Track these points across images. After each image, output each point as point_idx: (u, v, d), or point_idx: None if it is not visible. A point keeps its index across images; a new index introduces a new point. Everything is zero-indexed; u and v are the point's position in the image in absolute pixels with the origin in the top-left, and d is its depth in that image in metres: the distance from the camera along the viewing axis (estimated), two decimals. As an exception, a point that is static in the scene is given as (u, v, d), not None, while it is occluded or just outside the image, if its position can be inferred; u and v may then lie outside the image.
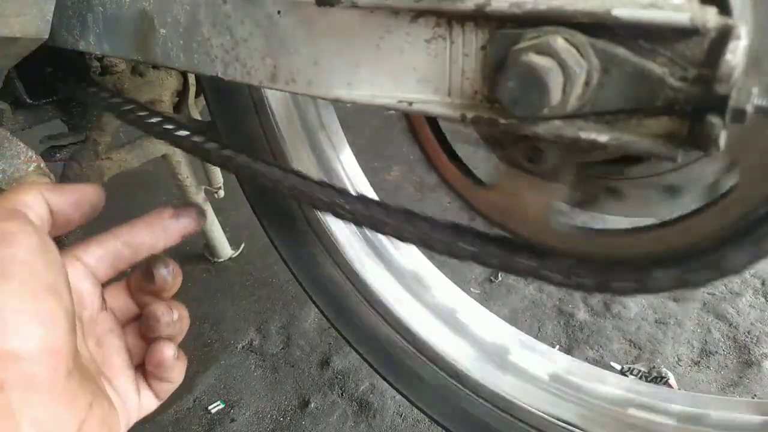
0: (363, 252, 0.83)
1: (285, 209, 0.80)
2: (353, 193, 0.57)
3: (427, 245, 0.51)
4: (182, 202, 0.68)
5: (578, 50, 0.35)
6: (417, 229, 0.51)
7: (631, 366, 1.09)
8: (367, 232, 0.83)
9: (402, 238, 0.52)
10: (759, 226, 0.37)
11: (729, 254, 0.38)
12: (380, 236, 0.84)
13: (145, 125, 0.70)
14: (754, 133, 0.37)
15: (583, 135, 0.37)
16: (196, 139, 0.65)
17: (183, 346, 0.51)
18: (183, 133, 0.67)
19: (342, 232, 0.81)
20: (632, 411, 0.70)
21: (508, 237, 0.50)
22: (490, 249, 0.49)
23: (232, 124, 0.76)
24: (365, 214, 0.53)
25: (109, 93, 0.80)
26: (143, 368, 0.51)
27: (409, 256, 0.86)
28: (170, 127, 0.68)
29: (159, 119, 0.69)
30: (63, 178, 1.01)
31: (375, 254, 0.84)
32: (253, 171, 0.60)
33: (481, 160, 0.52)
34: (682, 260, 0.40)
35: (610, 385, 0.73)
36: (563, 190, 0.46)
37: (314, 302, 0.83)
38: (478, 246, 0.49)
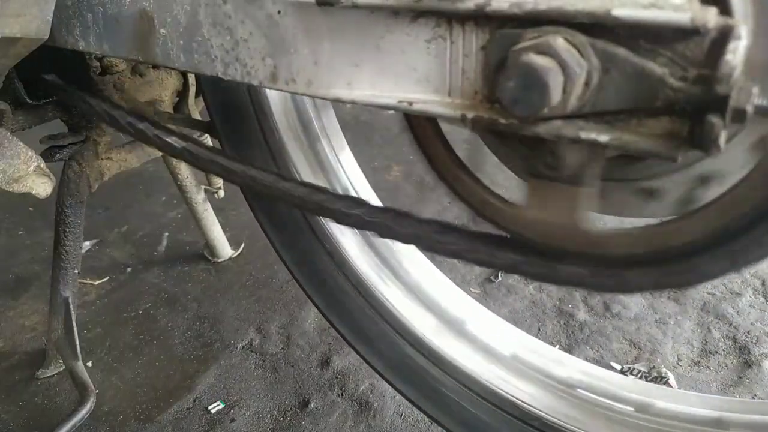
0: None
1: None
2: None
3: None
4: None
5: (578, 50, 0.35)
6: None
7: (631, 366, 1.09)
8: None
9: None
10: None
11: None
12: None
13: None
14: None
15: (584, 135, 0.37)
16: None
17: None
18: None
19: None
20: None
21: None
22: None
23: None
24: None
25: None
26: None
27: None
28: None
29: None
30: (63, 177, 1.01)
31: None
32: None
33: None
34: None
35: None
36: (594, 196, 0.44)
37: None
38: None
